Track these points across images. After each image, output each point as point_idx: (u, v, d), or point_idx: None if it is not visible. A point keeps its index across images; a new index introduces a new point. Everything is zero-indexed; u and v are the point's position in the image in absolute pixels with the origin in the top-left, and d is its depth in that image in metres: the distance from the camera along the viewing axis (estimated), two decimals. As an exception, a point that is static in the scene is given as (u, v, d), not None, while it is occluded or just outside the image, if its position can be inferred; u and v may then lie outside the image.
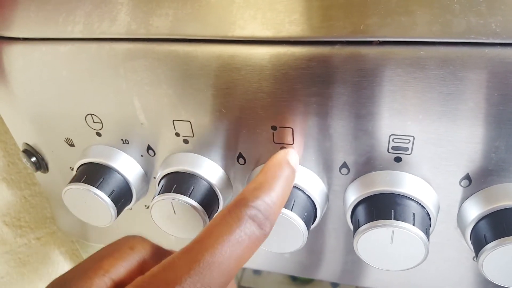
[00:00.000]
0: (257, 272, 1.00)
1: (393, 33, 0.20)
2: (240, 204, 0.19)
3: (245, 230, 0.19)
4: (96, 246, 0.50)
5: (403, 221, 0.21)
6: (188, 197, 0.24)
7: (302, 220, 0.23)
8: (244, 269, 0.98)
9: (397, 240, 0.21)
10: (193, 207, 0.24)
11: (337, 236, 0.28)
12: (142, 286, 0.17)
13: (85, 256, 0.51)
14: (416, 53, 0.20)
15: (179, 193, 0.24)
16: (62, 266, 0.50)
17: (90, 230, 0.39)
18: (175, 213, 0.25)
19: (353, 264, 0.30)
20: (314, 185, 0.25)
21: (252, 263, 0.34)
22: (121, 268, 0.20)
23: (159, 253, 0.22)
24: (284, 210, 0.23)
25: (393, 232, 0.21)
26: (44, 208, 0.44)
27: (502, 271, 0.21)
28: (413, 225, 0.21)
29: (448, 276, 0.28)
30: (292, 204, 0.23)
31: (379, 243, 0.22)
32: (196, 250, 0.18)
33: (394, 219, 0.21)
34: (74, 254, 0.51)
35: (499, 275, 0.21)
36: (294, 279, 0.93)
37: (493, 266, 0.21)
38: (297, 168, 0.24)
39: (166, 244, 0.36)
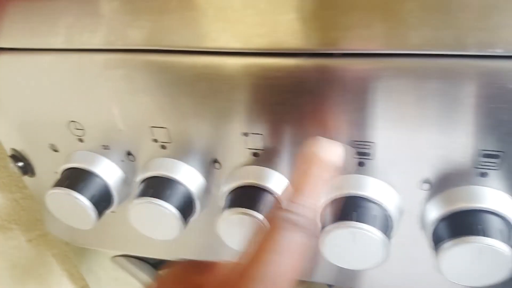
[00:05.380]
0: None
1: (354, 45, 0.21)
2: (278, 212, 0.20)
3: (289, 236, 0.19)
4: (87, 248, 0.51)
5: (364, 222, 0.22)
6: (164, 201, 0.26)
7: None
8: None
9: (359, 241, 0.23)
10: (169, 210, 0.26)
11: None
12: None
13: (76, 258, 0.52)
14: (376, 64, 0.21)
15: (155, 197, 0.26)
16: (54, 268, 0.51)
17: (79, 232, 0.40)
18: (151, 216, 0.26)
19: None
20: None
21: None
22: None
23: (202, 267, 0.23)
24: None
25: (354, 233, 0.22)
26: (36, 211, 0.45)
27: (459, 270, 0.22)
28: (374, 226, 0.22)
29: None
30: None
31: (342, 243, 0.23)
32: (250, 267, 0.18)
33: (357, 221, 0.22)
34: (66, 256, 0.52)
35: (457, 274, 0.23)
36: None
37: (450, 265, 0.22)
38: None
39: (151, 243, 0.37)
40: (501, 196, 0.22)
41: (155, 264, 0.42)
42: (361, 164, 0.24)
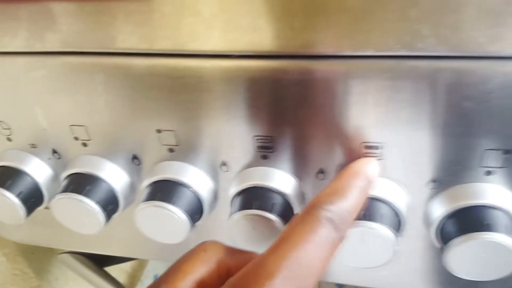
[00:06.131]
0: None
1: (245, 47, 0.23)
2: (317, 207, 0.20)
3: (325, 230, 0.19)
4: (39, 247, 0.51)
5: (266, 211, 0.24)
6: (85, 196, 0.27)
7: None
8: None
9: (258, 227, 0.24)
10: (89, 205, 0.27)
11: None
12: (234, 285, 0.18)
13: (28, 257, 0.53)
14: (268, 66, 0.23)
15: (75, 193, 0.27)
16: (5, 268, 0.51)
17: (24, 231, 0.41)
18: (73, 211, 0.27)
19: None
20: (202, 183, 0.27)
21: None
22: (200, 269, 0.21)
23: (233, 252, 0.23)
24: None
25: (254, 220, 0.24)
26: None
27: (352, 254, 0.24)
28: (274, 214, 0.24)
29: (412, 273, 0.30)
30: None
31: (245, 228, 0.25)
32: (283, 248, 0.19)
33: (259, 209, 0.24)
34: (18, 256, 0.52)
35: (350, 259, 0.24)
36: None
37: (344, 251, 0.24)
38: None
39: (95, 240, 0.38)
40: (386, 183, 0.24)
41: (101, 261, 0.43)
42: (264, 157, 0.26)
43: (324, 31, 0.21)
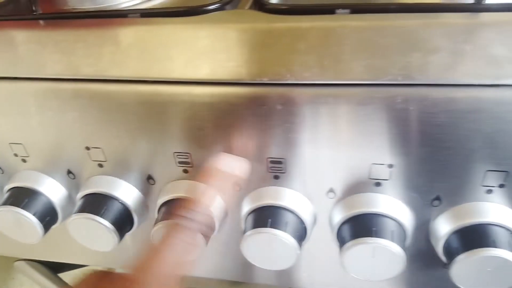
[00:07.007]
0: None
1: (158, 74, 0.26)
2: (173, 218, 0.24)
3: (177, 237, 0.23)
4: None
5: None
6: (23, 208, 0.29)
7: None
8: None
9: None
10: (26, 217, 0.29)
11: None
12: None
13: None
14: (179, 91, 0.26)
15: (14, 205, 0.29)
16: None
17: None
18: (13, 223, 0.30)
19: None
20: (131, 196, 0.30)
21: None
22: None
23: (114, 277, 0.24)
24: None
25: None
26: None
27: (259, 256, 0.27)
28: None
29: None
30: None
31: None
32: (141, 262, 0.22)
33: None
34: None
35: (256, 259, 0.27)
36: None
37: (251, 252, 0.27)
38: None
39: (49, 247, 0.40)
40: (291, 194, 0.27)
41: (55, 268, 0.45)
42: (185, 171, 0.28)
43: (227, 62, 0.24)
